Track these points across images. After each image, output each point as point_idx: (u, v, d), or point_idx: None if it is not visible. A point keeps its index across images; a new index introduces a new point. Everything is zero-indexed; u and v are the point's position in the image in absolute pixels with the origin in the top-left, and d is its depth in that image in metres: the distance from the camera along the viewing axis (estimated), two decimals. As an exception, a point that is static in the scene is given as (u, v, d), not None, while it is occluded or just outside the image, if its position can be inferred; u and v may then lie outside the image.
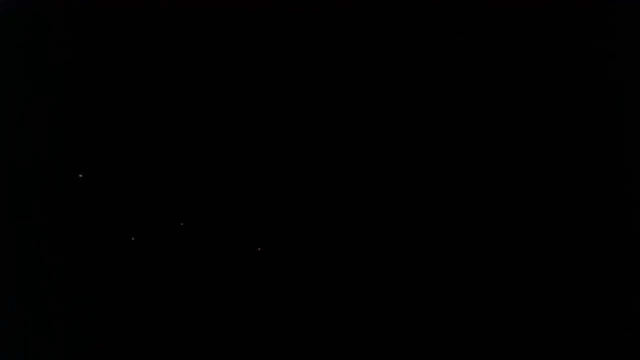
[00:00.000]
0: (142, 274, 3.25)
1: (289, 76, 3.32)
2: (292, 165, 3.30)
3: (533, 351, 3.15)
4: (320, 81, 3.31)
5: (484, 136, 3.26)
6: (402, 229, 3.24)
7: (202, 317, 3.23)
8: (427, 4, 3.29)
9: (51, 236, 3.24)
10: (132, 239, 3.23)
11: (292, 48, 3.31)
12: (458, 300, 3.19)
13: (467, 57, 3.27)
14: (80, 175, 3.18)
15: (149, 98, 3.31)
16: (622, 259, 3.15)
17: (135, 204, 3.28)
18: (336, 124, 3.31)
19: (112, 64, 3.32)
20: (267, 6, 3.31)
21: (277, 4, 3.31)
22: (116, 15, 3.32)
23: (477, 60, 3.27)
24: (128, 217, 3.27)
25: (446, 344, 3.17)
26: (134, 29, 3.33)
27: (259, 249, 3.24)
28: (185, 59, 3.32)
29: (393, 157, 3.28)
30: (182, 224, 3.27)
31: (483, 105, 3.27)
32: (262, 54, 3.31)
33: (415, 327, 3.18)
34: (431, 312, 3.19)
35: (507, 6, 3.27)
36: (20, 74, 3.30)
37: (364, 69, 3.31)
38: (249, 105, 3.33)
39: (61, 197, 3.27)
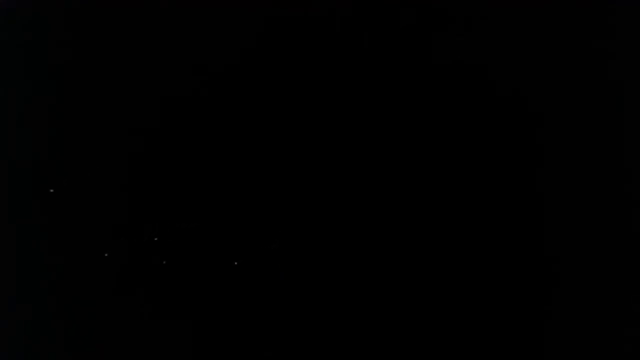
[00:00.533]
0: (142, 274, 3.25)
1: (289, 76, 3.32)
2: (292, 165, 3.30)
3: (533, 351, 3.15)
4: (320, 81, 3.31)
5: (484, 136, 3.26)
6: (402, 228, 3.24)
7: (202, 317, 3.23)
8: (427, 4, 3.29)
9: (51, 236, 3.24)
10: (106, 255, 3.23)
11: (292, 48, 3.31)
12: (458, 300, 3.19)
13: (467, 57, 3.27)
14: (52, 190, 3.18)
15: (149, 98, 3.31)
16: (622, 259, 3.15)
17: (135, 204, 3.28)
18: (336, 124, 3.31)
19: (112, 64, 3.32)
20: (267, 6, 3.31)
21: (277, 4, 3.31)
22: (116, 15, 3.32)
23: (477, 60, 3.27)
24: (128, 217, 3.27)
25: (446, 344, 3.17)
26: (134, 29, 3.33)
27: (236, 263, 3.24)
28: (185, 59, 3.32)
29: (393, 157, 3.28)
30: (181, 224, 3.28)
31: (483, 105, 3.27)
32: (262, 54, 3.32)
33: (415, 327, 3.18)
34: (431, 312, 3.19)
35: (507, 6, 3.27)
36: (20, 74, 3.30)
37: (364, 69, 3.31)
38: (249, 105, 3.33)
39: (61, 197, 3.27)
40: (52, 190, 3.17)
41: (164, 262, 3.24)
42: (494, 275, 3.19)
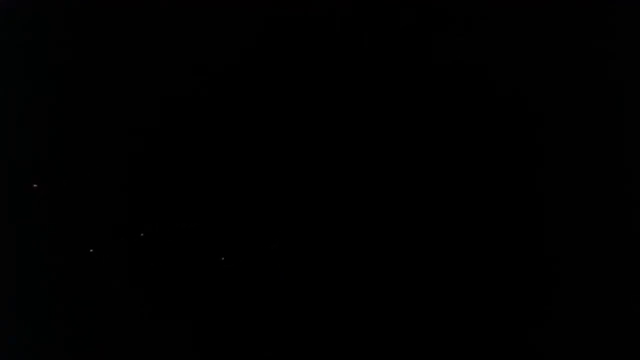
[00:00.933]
0: (142, 274, 3.25)
1: (289, 76, 3.32)
2: (292, 165, 3.30)
3: (533, 351, 3.15)
4: (320, 81, 3.31)
5: (484, 136, 3.26)
6: (402, 228, 3.24)
7: (202, 317, 3.23)
8: (427, 4, 3.29)
9: (51, 236, 3.24)
10: (91, 250, 3.23)
11: (292, 48, 3.31)
12: (458, 300, 3.19)
13: (467, 57, 3.27)
14: (35, 185, 3.19)
15: (149, 98, 3.31)
16: (622, 259, 3.15)
17: (135, 204, 3.28)
18: (336, 124, 3.31)
19: (112, 64, 3.32)
20: (267, 6, 3.31)
21: (277, 4, 3.31)
22: (116, 15, 3.32)
23: (477, 60, 3.27)
24: (128, 217, 3.27)
25: (446, 344, 3.17)
26: (134, 29, 3.33)
27: (222, 258, 3.24)
28: (185, 59, 3.32)
29: (393, 157, 3.28)
30: (181, 224, 3.28)
31: (483, 105, 3.27)
32: (262, 54, 3.32)
33: (415, 327, 3.18)
34: (431, 312, 3.19)
35: (507, 6, 3.27)
36: (20, 74, 3.30)
37: (364, 69, 3.31)
38: (249, 105, 3.33)
39: (61, 197, 3.27)
40: (35, 185, 3.17)
41: (159, 263, 3.24)
42: (494, 275, 3.19)
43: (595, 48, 3.25)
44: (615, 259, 3.15)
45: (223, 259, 3.23)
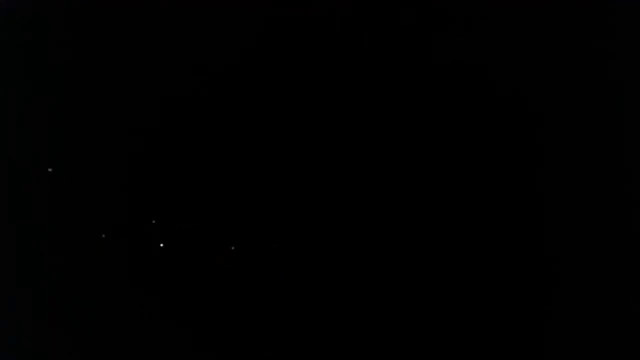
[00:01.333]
0: (142, 274, 3.25)
1: (289, 76, 3.32)
2: (292, 165, 3.30)
3: (533, 351, 3.15)
4: (320, 81, 3.31)
5: (484, 136, 3.26)
6: (402, 228, 3.24)
7: (202, 317, 3.23)
8: (427, 4, 3.29)
9: (51, 236, 3.24)
10: (103, 235, 3.23)
11: (292, 48, 3.31)
12: (458, 300, 3.19)
13: (467, 57, 3.27)
14: (50, 170, 3.18)
15: (149, 98, 3.31)
16: (622, 259, 3.15)
17: (135, 204, 3.28)
18: (336, 124, 3.31)
19: (112, 64, 3.32)
20: (267, 6, 3.31)
21: (277, 4, 3.31)
22: (116, 15, 3.32)
23: (477, 60, 3.27)
24: (128, 217, 3.27)
25: (446, 344, 3.17)
26: (134, 29, 3.33)
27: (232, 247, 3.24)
28: (185, 59, 3.32)
29: (393, 157, 3.28)
30: (181, 224, 3.28)
31: (483, 105, 3.27)
32: (262, 54, 3.32)
33: (415, 327, 3.18)
34: (431, 312, 3.19)
35: (507, 6, 3.27)
36: (20, 74, 3.30)
37: (364, 69, 3.31)
38: (249, 105, 3.33)
39: (61, 197, 3.27)
40: (50, 170, 3.17)
41: (159, 263, 3.24)
42: (494, 275, 3.19)
43: (595, 48, 3.25)
44: (615, 259, 3.15)
45: (233, 248, 3.23)
